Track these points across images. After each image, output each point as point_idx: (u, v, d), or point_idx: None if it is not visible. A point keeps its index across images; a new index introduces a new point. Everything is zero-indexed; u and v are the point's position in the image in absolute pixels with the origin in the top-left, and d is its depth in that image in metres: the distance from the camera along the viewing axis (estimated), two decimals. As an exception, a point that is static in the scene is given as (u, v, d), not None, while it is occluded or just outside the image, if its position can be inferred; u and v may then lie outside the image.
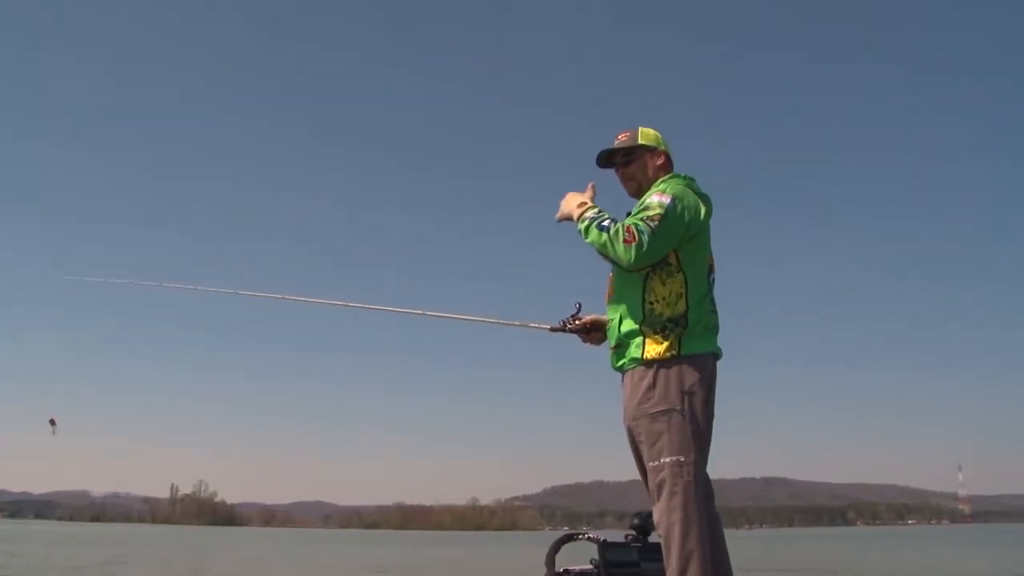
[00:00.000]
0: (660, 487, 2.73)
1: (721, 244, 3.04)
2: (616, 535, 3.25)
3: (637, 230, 2.76)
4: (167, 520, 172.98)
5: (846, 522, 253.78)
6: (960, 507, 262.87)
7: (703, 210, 2.93)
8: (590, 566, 3.16)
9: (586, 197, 3.04)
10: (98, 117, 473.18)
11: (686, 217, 2.84)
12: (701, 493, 2.72)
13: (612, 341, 3.01)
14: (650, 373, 2.81)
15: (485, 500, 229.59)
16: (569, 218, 3.01)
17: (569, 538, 3.33)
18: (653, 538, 3.08)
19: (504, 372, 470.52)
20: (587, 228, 2.88)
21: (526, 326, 3.40)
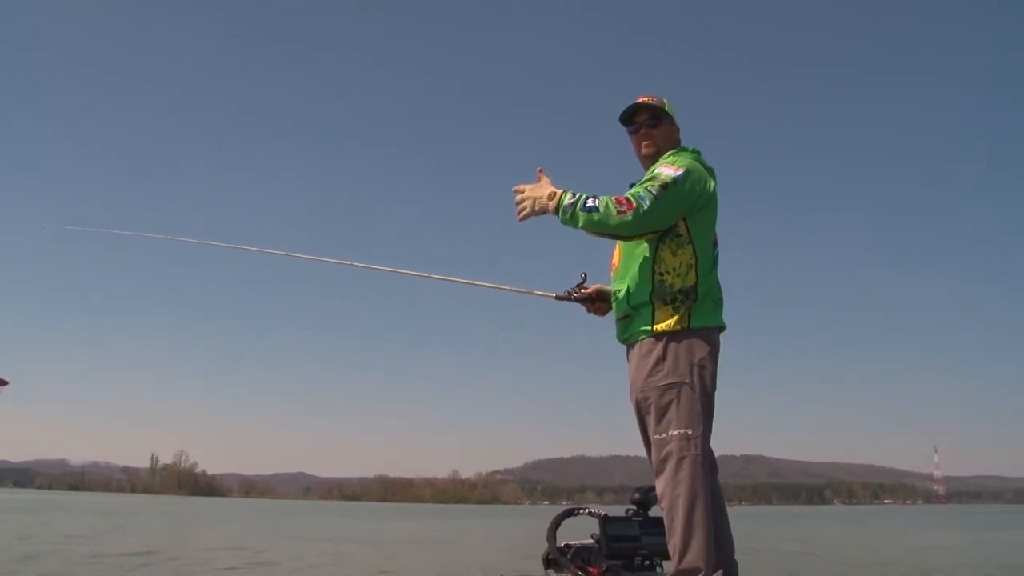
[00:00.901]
0: (666, 460, 2.72)
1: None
2: (617, 510, 3.25)
3: (636, 198, 2.72)
4: (147, 490, 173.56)
5: (823, 500, 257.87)
6: (935, 488, 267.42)
7: (712, 183, 2.92)
8: (591, 541, 3.16)
9: (547, 185, 2.88)
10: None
11: (696, 190, 2.82)
12: (706, 468, 2.72)
13: (619, 312, 2.98)
14: (659, 345, 2.80)
15: (466, 474, 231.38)
16: (544, 211, 2.85)
17: (570, 513, 3.32)
18: (654, 512, 3.09)
19: (485, 348, 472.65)
20: (573, 215, 2.76)
21: (532, 293, 3.36)
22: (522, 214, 2.88)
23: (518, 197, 2.90)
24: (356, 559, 10.73)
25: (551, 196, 2.83)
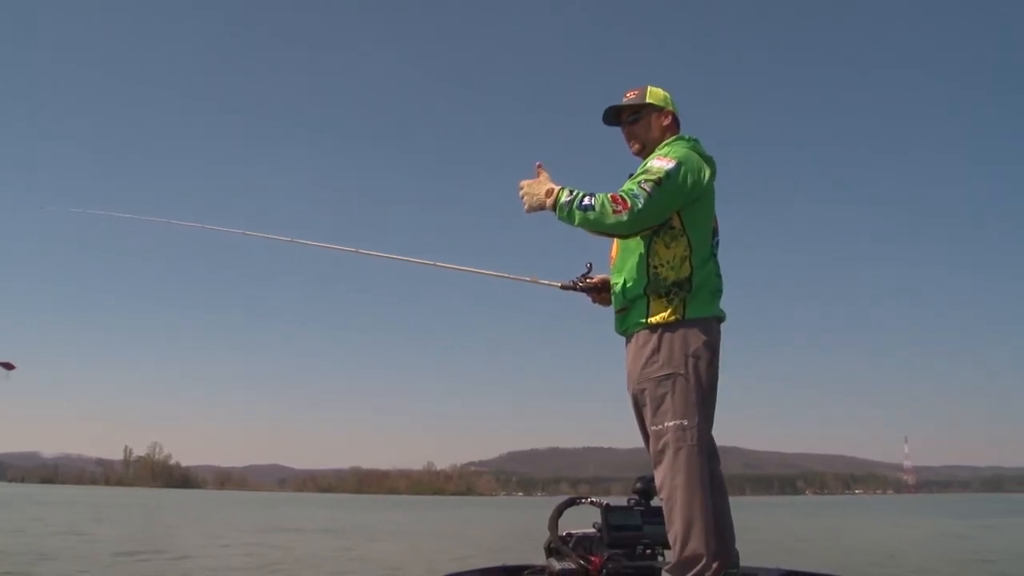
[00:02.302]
0: (663, 451, 2.72)
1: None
2: (619, 499, 3.26)
3: (631, 196, 2.72)
4: (120, 482, 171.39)
5: (795, 491, 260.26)
6: (904, 478, 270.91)
7: (707, 173, 2.90)
8: (593, 530, 3.17)
9: (546, 181, 2.92)
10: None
11: (689, 181, 2.80)
12: (704, 457, 2.72)
13: (616, 305, 2.99)
14: (654, 337, 2.79)
15: (441, 465, 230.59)
16: (541, 208, 2.88)
17: (572, 502, 3.30)
18: (656, 502, 3.07)
19: (459, 340, 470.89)
20: (569, 213, 2.78)
21: (536, 282, 3.34)
22: (527, 207, 2.93)
23: (519, 193, 2.95)
24: (366, 552, 10.76)
25: (548, 193, 2.86)
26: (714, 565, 2.63)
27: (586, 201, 2.76)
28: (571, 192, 2.81)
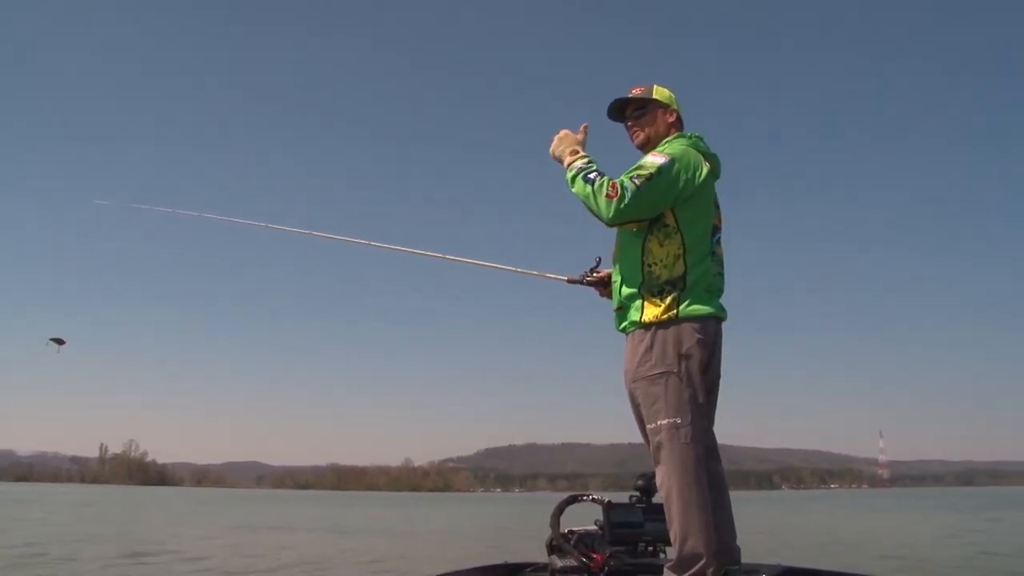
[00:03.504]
0: (659, 449, 2.73)
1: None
2: (620, 496, 3.26)
3: (621, 187, 2.73)
4: (96, 480, 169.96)
5: (772, 486, 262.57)
6: (879, 472, 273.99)
7: (703, 170, 2.89)
8: (594, 527, 3.17)
9: (579, 141, 3.02)
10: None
11: (681, 178, 2.80)
12: (699, 455, 2.72)
13: (615, 303, 3.00)
14: (648, 336, 2.79)
15: (419, 461, 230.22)
16: (560, 159, 2.99)
17: (573, 499, 3.31)
18: (657, 499, 3.06)
19: (437, 336, 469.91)
20: (573, 177, 2.86)
21: (543, 276, 3.36)
22: (551, 151, 3.05)
23: (555, 137, 3.06)
24: (368, 547, 10.72)
25: (573, 152, 2.96)
26: (714, 562, 2.63)
27: (592, 175, 2.81)
28: (588, 162, 2.89)
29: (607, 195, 2.73)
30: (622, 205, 2.72)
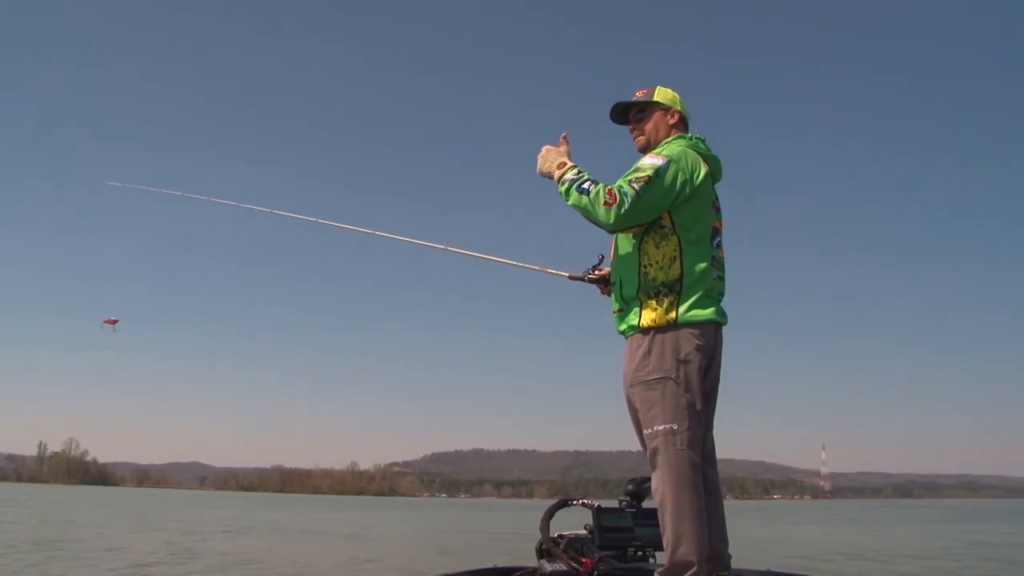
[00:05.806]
0: (655, 455, 2.74)
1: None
2: (610, 501, 3.27)
3: (620, 192, 2.73)
4: (33, 479, 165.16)
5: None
6: (821, 484, 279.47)
7: (702, 172, 2.88)
8: (584, 531, 3.17)
9: (563, 153, 2.99)
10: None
11: (678, 180, 2.80)
12: (695, 461, 2.73)
13: (613, 305, 3.00)
14: (646, 340, 2.79)
15: (364, 465, 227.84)
16: (549, 176, 2.96)
17: (563, 504, 3.31)
18: (647, 503, 3.10)
19: (382, 339, 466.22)
20: (567, 191, 2.84)
21: (545, 271, 3.35)
22: (537, 170, 3.03)
23: (539, 156, 3.03)
24: (339, 553, 10.54)
25: (560, 165, 2.93)
26: (705, 568, 2.65)
27: (586, 185, 2.81)
28: (578, 172, 2.88)
29: (605, 203, 2.74)
30: (622, 211, 2.73)
